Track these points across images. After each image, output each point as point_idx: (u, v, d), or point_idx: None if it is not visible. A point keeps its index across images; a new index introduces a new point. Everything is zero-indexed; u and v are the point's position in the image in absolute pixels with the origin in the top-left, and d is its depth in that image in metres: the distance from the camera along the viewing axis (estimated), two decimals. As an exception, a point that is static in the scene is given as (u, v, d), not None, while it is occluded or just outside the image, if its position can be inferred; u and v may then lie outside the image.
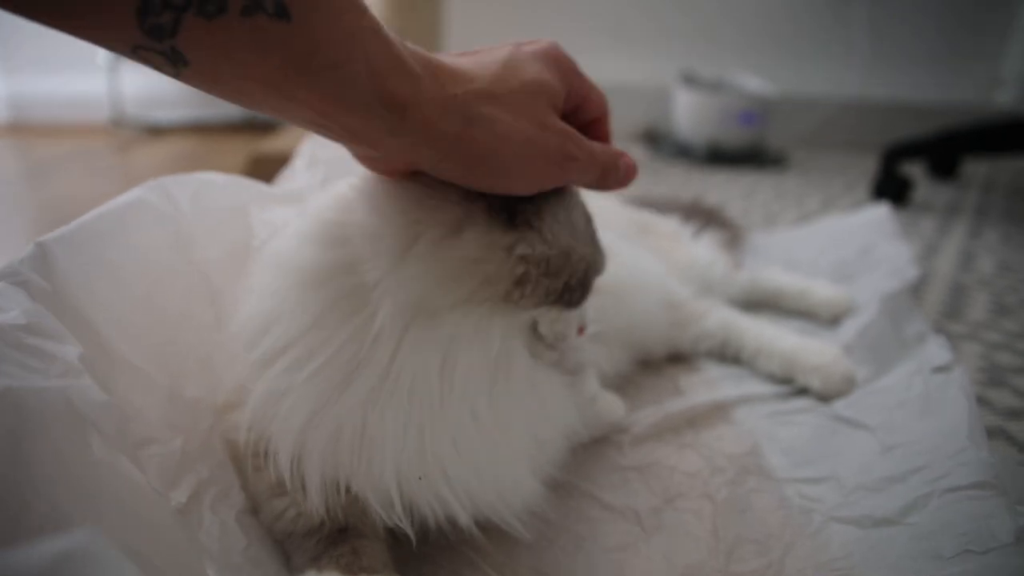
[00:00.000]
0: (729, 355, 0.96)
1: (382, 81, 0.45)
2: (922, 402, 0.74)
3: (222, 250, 0.72)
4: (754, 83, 2.35)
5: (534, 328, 0.57)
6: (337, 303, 0.52)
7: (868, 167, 1.97)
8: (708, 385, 0.90)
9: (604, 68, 2.49)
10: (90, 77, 2.33)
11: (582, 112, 0.59)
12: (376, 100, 0.46)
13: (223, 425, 0.65)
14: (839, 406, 0.83)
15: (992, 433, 0.82)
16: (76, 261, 0.60)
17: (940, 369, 0.78)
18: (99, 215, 0.64)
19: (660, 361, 0.96)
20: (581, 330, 0.60)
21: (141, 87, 2.42)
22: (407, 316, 0.51)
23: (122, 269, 0.64)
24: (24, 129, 2.38)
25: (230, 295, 0.71)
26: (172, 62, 0.41)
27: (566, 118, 0.57)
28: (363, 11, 0.45)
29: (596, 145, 0.57)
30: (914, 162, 1.98)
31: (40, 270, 0.57)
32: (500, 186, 0.54)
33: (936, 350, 0.85)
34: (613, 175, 0.59)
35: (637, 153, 2.38)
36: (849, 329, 0.99)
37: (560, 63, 0.56)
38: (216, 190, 0.75)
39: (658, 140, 2.47)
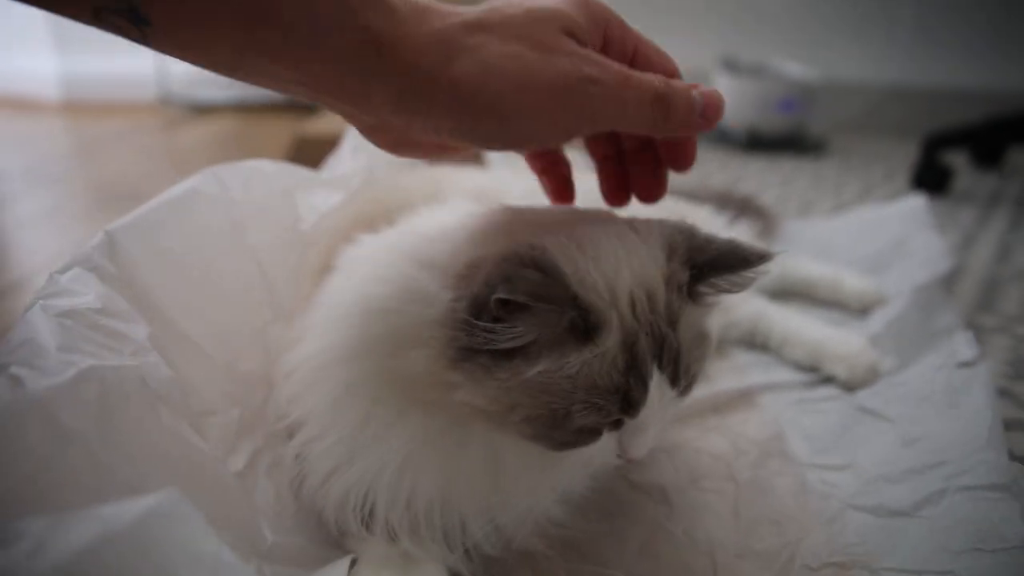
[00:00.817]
0: (758, 343, 0.99)
1: (354, 15, 0.42)
2: (945, 397, 0.76)
3: (272, 234, 0.77)
4: (795, 69, 2.34)
5: None
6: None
7: (910, 155, 1.96)
8: (736, 371, 0.93)
9: (644, 52, 2.51)
10: (139, 56, 2.39)
11: (639, 63, 0.51)
12: (351, 38, 0.42)
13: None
14: (863, 396, 0.85)
15: (1014, 425, 0.84)
16: (139, 247, 0.64)
17: (965, 364, 0.80)
18: (159, 204, 0.69)
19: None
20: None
21: (188, 66, 2.48)
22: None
23: (181, 254, 0.68)
24: (76, 107, 2.46)
25: (280, 277, 0.76)
26: (134, 22, 0.40)
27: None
28: None
29: (640, 72, 0.49)
30: (956, 151, 1.96)
31: (108, 256, 0.62)
32: (508, 134, 0.47)
33: (962, 345, 0.87)
34: (682, 107, 0.50)
35: (675, 138, 2.38)
36: (878, 320, 1.01)
37: (593, 7, 0.49)
38: (265, 177, 0.79)
39: (696, 125, 2.47)
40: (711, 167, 2.03)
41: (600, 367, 0.48)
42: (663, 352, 0.51)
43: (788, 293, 1.15)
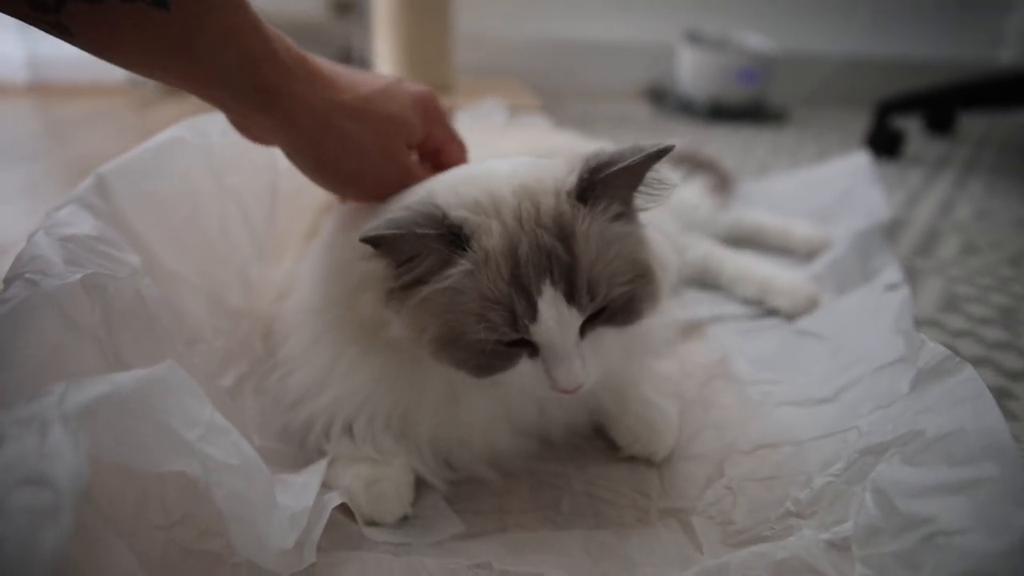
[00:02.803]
0: (709, 282, 1.06)
1: (255, 69, 0.52)
2: (871, 313, 0.83)
3: (250, 177, 0.83)
4: (756, 41, 2.41)
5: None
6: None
7: (865, 123, 2.04)
8: (686, 307, 1.00)
9: (610, 28, 2.58)
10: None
11: (440, 157, 0.67)
12: (248, 85, 0.52)
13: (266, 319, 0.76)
14: (802, 323, 0.93)
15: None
16: (128, 188, 0.70)
17: (891, 287, 0.88)
18: (144, 150, 0.74)
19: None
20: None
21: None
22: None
23: (166, 195, 0.74)
24: (44, 89, 2.46)
25: (259, 217, 0.82)
26: (60, 32, 0.47)
27: (425, 155, 0.66)
28: (242, 5, 0.51)
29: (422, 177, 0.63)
30: (908, 116, 2.05)
31: (100, 195, 0.67)
32: (339, 192, 0.63)
33: (890, 274, 0.94)
34: None
35: (640, 110, 2.45)
36: (821, 262, 1.09)
37: (429, 111, 0.63)
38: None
39: (661, 97, 2.55)
40: (674, 136, 2.09)
41: (486, 278, 0.52)
42: (552, 264, 0.52)
43: (741, 241, 1.22)
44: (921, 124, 2.24)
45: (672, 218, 1.10)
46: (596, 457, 0.70)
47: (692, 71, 2.38)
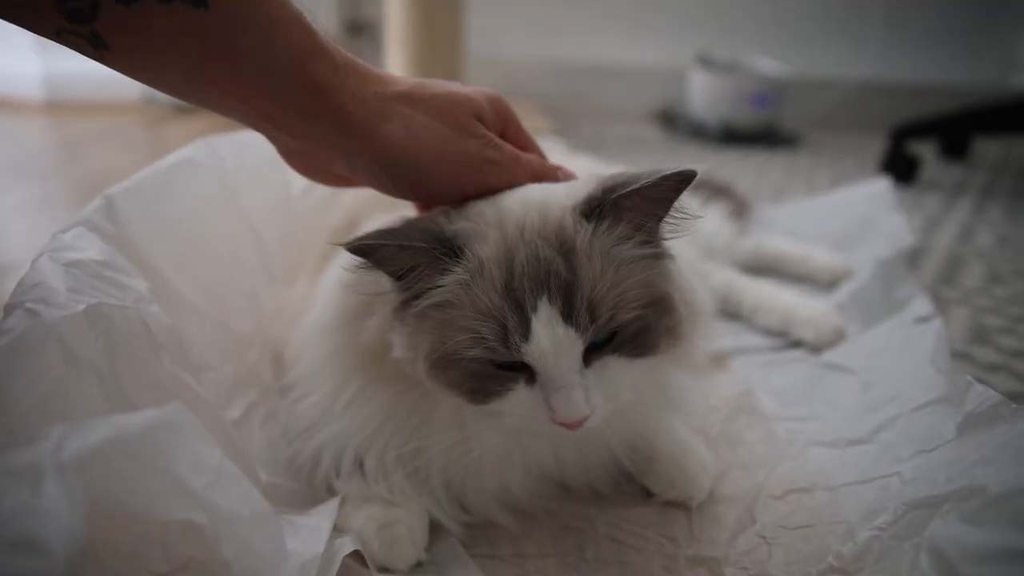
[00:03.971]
0: (730, 311, 1.03)
1: (302, 65, 0.49)
2: (902, 346, 0.80)
3: (263, 200, 0.80)
4: (768, 65, 2.39)
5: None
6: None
7: (880, 148, 2.02)
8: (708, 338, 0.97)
9: (622, 51, 2.57)
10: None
11: None
12: (296, 83, 0.49)
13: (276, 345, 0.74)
14: (828, 355, 0.89)
15: (971, 383, 0.89)
16: (137, 211, 0.67)
17: (921, 319, 0.85)
18: (154, 171, 0.72)
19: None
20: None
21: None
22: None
23: (177, 218, 0.71)
24: (60, 107, 2.46)
25: (272, 241, 0.80)
26: (94, 45, 0.44)
27: None
28: (284, 3, 0.48)
29: (527, 155, 0.58)
30: (923, 141, 2.02)
31: (108, 218, 0.65)
32: (416, 190, 0.55)
33: (919, 305, 0.91)
34: (549, 180, 0.59)
35: (653, 133, 2.43)
36: (844, 291, 1.06)
37: (499, 108, 0.58)
38: (256, 148, 0.82)
39: (673, 120, 2.52)
40: (686, 160, 2.07)
41: (480, 287, 0.50)
42: (549, 280, 0.49)
43: (761, 269, 1.19)
44: (936, 149, 2.22)
45: (692, 245, 1.07)
46: (619, 498, 0.67)
47: (704, 95, 2.36)
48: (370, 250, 0.50)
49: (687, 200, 0.54)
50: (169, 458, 0.39)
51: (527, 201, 0.54)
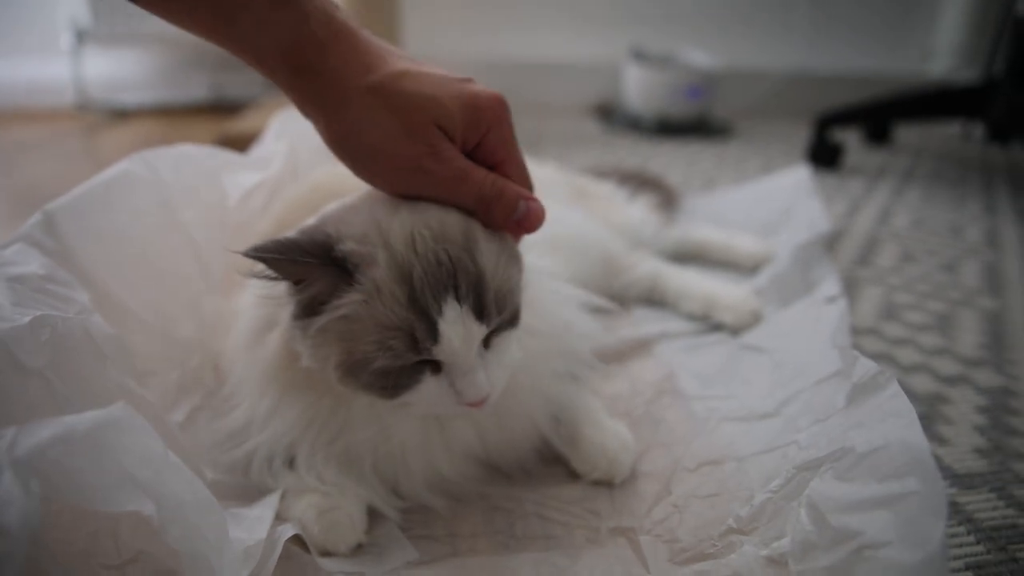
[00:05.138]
0: (656, 299, 1.09)
1: (290, 54, 0.54)
2: (811, 325, 0.86)
3: (201, 211, 0.83)
4: (700, 58, 2.46)
5: None
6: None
7: (806, 135, 2.10)
8: (634, 324, 1.02)
9: (559, 46, 2.63)
10: (53, 61, 2.37)
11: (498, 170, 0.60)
12: (285, 67, 0.54)
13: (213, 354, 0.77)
14: (746, 337, 0.95)
15: (878, 357, 0.96)
16: (77, 225, 0.70)
17: (829, 300, 0.91)
18: (92, 185, 0.74)
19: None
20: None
21: (104, 71, 2.46)
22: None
23: (117, 231, 0.74)
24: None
25: (210, 251, 0.82)
26: None
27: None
28: None
29: (479, 171, 0.57)
30: (846, 129, 2.11)
31: (48, 232, 0.67)
32: (361, 174, 0.58)
33: (829, 285, 0.98)
34: (502, 208, 0.58)
35: (590, 126, 2.49)
36: (763, 275, 1.12)
37: (483, 112, 0.57)
38: (193, 159, 0.85)
39: (610, 114, 2.59)
40: (623, 152, 2.14)
41: (381, 305, 0.53)
42: (457, 280, 0.53)
43: (687, 256, 1.25)
44: (860, 136, 2.32)
45: (619, 236, 1.13)
46: (548, 478, 0.72)
47: (639, 88, 2.43)
48: (265, 260, 0.53)
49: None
50: (116, 452, 0.43)
51: (405, 219, 0.56)
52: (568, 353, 0.71)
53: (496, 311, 0.55)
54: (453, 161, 0.56)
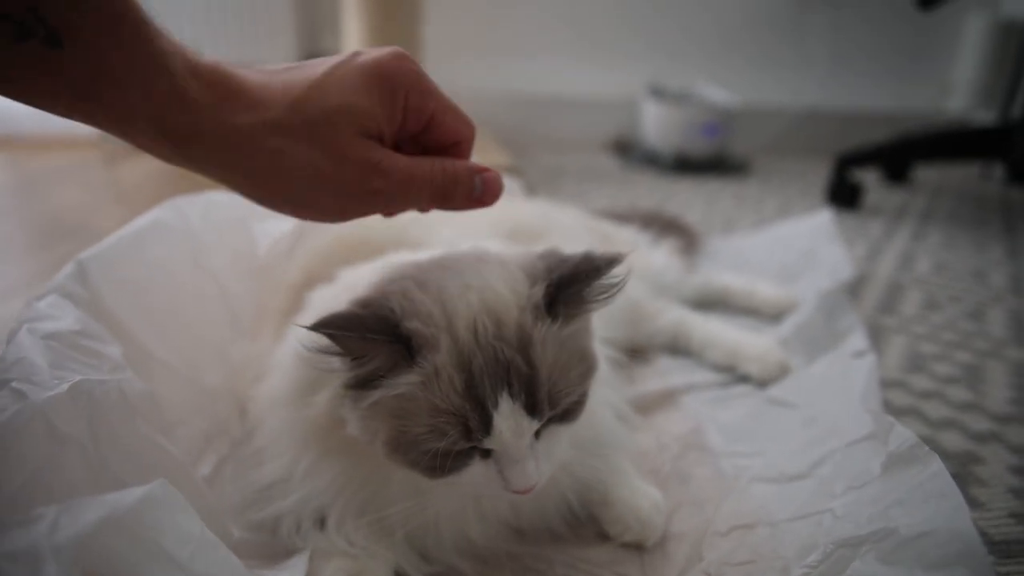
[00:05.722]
0: (680, 347, 1.08)
1: (161, 115, 0.47)
2: (840, 381, 0.85)
3: (229, 258, 0.83)
4: (718, 94, 2.47)
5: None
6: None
7: (825, 173, 2.10)
8: (659, 375, 1.02)
9: (576, 81, 2.64)
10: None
11: (434, 133, 0.56)
12: (157, 131, 0.47)
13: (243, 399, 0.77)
14: (772, 390, 0.95)
15: (905, 411, 0.95)
16: (108, 275, 0.70)
17: (858, 354, 0.90)
18: (124, 234, 0.75)
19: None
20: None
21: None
22: None
23: (147, 279, 0.74)
24: (12, 143, 2.44)
25: (238, 298, 0.83)
26: None
27: (418, 137, 0.56)
28: (145, 41, 0.45)
29: (423, 165, 0.54)
30: (866, 169, 2.11)
31: (80, 283, 0.68)
32: (302, 215, 0.54)
33: (857, 339, 0.97)
34: (460, 192, 0.56)
35: (607, 162, 2.50)
36: (788, 324, 1.11)
37: (393, 78, 0.52)
38: (221, 207, 0.86)
39: (627, 150, 2.59)
40: (640, 189, 2.14)
41: (438, 389, 0.52)
42: (511, 377, 0.53)
43: (709, 303, 1.24)
44: (878, 175, 2.31)
45: (642, 284, 1.12)
46: (576, 539, 0.71)
47: (656, 125, 2.43)
48: (331, 336, 0.52)
49: (622, 271, 0.58)
50: (155, 532, 0.42)
51: (474, 304, 0.55)
52: (599, 428, 0.71)
53: (548, 407, 0.54)
54: (395, 167, 0.53)
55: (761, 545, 0.66)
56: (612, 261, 0.56)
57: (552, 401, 0.54)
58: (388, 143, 0.54)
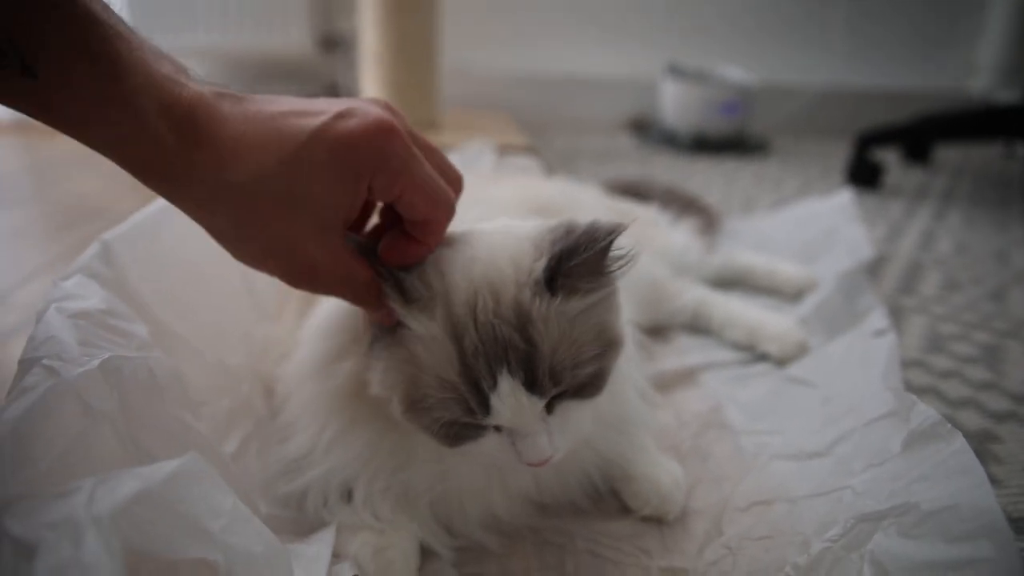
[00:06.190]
0: (700, 326, 1.08)
1: (126, 153, 0.47)
2: (859, 360, 0.85)
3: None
4: (736, 73, 2.45)
5: None
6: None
7: (844, 152, 2.08)
8: (679, 353, 1.02)
9: (594, 62, 2.62)
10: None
11: (402, 208, 0.54)
12: (126, 166, 0.48)
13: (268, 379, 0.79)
14: (792, 369, 0.95)
15: (925, 391, 0.95)
16: (132, 254, 0.71)
17: (878, 333, 0.90)
18: (148, 214, 0.76)
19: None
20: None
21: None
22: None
23: (170, 259, 0.75)
24: (28, 128, 2.46)
25: (261, 280, 0.83)
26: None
27: (389, 206, 0.56)
28: (113, 79, 0.45)
29: (351, 271, 0.54)
30: (886, 148, 2.09)
31: (105, 262, 0.68)
32: (260, 269, 0.54)
33: (877, 318, 0.97)
34: (368, 305, 0.56)
35: (625, 142, 2.49)
36: (807, 304, 1.11)
37: (357, 163, 0.50)
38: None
39: (645, 129, 2.58)
40: (659, 169, 2.13)
41: (439, 356, 0.52)
42: (509, 355, 0.52)
43: (730, 282, 1.24)
44: (898, 154, 2.29)
45: (663, 262, 1.12)
46: (596, 512, 0.72)
47: (675, 104, 2.42)
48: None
49: (629, 241, 0.56)
50: (188, 504, 0.43)
51: (474, 277, 0.54)
52: (623, 407, 0.71)
53: (552, 384, 0.53)
54: (328, 271, 0.53)
55: (780, 521, 0.67)
56: (612, 231, 0.53)
57: (555, 377, 0.53)
58: (346, 223, 0.54)
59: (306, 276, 0.54)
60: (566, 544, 0.68)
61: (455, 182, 0.58)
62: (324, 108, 0.51)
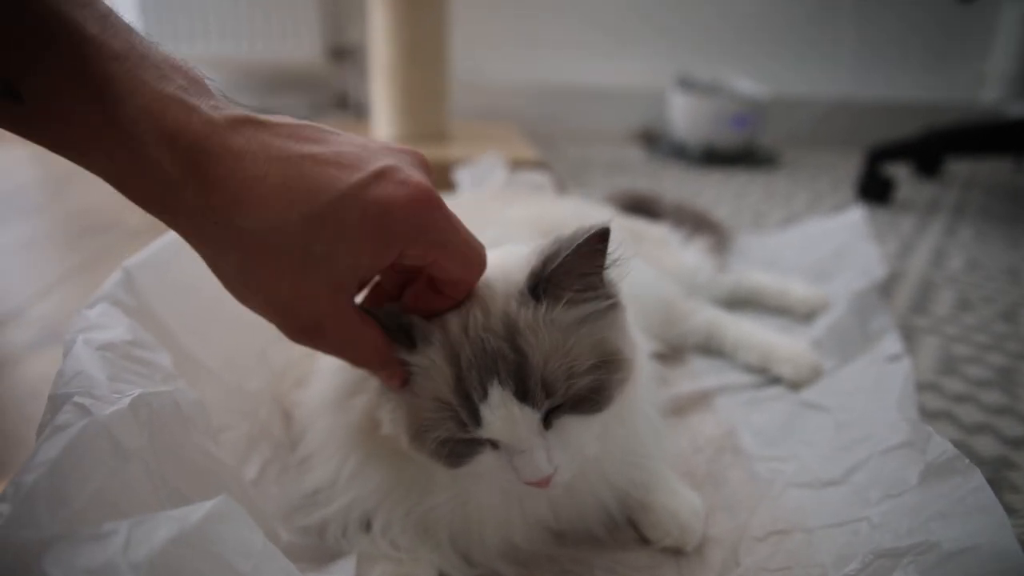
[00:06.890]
0: (712, 348, 1.09)
1: (125, 181, 0.44)
2: (874, 386, 0.86)
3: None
4: (747, 85, 2.46)
5: None
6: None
7: (854, 165, 2.09)
8: (693, 376, 1.02)
9: (603, 73, 2.63)
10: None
11: (433, 271, 0.53)
12: (126, 194, 0.45)
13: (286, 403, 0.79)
14: (805, 393, 0.95)
15: (938, 415, 0.95)
16: (154, 282, 0.72)
17: (892, 358, 0.90)
18: (168, 241, 0.76)
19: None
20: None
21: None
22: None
23: (189, 285, 0.76)
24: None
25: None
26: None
27: (406, 279, 0.56)
28: (109, 104, 0.42)
29: (362, 337, 0.52)
30: (898, 163, 2.09)
31: (128, 291, 0.69)
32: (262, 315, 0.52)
33: (890, 342, 0.97)
34: (374, 371, 0.56)
35: (634, 154, 2.49)
36: (821, 325, 1.12)
37: (392, 234, 0.48)
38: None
39: (655, 141, 2.59)
40: (668, 182, 2.14)
41: (437, 380, 0.54)
42: (498, 366, 0.52)
43: (741, 302, 1.25)
44: (909, 168, 2.29)
45: (675, 283, 1.13)
46: (613, 542, 0.72)
47: (685, 116, 2.43)
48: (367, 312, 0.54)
49: (615, 246, 0.56)
50: (221, 546, 0.44)
51: (467, 299, 0.55)
52: (640, 462, 0.71)
53: (544, 394, 0.53)
54: (335, 336, 0.51)
55: (798, 551, 0.67)
56: (588, 230, 0.52)
57: (548, 388, 0.53)
58: (362, 286, 0.53)
59: (309, 334, 0.51)
60: (583, 574, 0.68)
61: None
62: (358, 161, 0.47)
